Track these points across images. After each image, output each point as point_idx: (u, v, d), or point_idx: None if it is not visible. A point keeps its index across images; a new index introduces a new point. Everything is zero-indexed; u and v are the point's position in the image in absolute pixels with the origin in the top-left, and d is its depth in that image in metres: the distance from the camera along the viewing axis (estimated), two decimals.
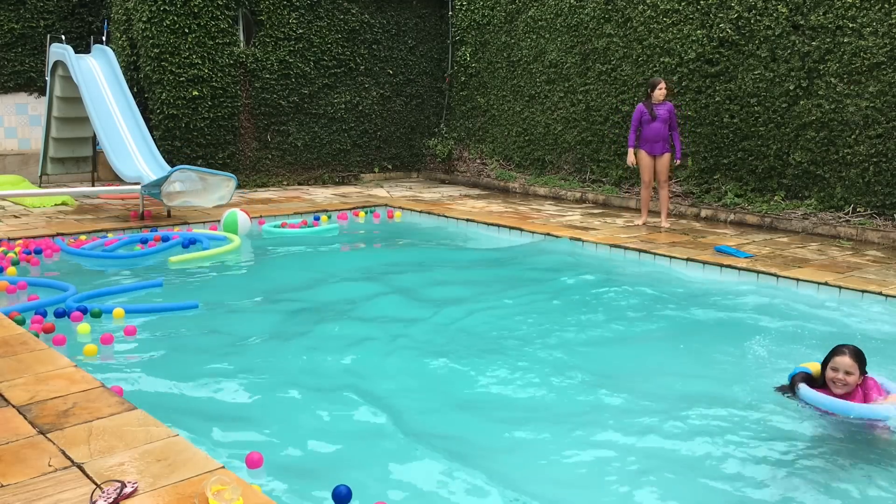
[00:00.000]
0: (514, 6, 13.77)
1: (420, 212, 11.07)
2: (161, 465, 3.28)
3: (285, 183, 13.49)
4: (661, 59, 11.53)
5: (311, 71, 13.45)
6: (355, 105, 14.12)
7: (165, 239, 8.65)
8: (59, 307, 6.03)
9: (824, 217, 9.88)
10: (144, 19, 11.73)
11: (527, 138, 13.89)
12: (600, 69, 12.46)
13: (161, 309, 6.30)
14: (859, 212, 9.69)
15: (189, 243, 8.55)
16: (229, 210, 9.31)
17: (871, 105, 9.42)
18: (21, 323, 5.51)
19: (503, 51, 14.06)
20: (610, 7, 12.20)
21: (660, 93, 9.59)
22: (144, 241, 8.59)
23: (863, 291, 6.86)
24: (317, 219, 10.38)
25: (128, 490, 3.03)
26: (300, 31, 13.21)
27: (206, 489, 3.03)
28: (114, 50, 11.83)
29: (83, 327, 5.60)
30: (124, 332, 5.58)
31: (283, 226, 9.85)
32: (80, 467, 3.26)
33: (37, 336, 5.12)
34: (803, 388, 4.51)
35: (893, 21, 9.17)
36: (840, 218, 9.75)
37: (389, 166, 14.92)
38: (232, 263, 8.17)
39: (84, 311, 5.93)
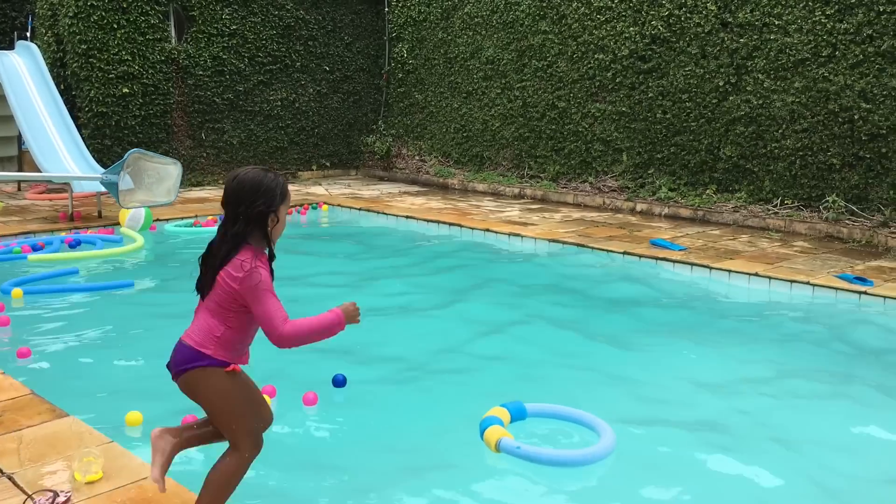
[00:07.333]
0: (449, 3, 13.80)
1: (359, 209, 11.03)
2: None
3: (221, 182, 13.27)
4: (596, 56, 11.70)
5: (246, 68, 13.25)
6: (292, 102, 13.97)
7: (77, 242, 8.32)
8: None
9: (754, 210, 10.17)
10: (71, 14, 11.38)
11: (465, 135, 13.94)
12: (536, 65, 12.58)
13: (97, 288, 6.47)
14: (787, 204, 9.99)
15: (77, 245, 8.26)
16: (143, 207, 8.93)
17: (797, 100, 9.73)
18: None
19: (440, 47, 14.08)
20: (545, 4, 12.32)
21: None
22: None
23: (791, 281, 7.08)
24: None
25: (60, 500, 2.95)
26: (234, 26, 13.00)
27: (77, 457, 3.18)
28: (39, 46, 11.46)
29: None
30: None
31: (195, 224, 9.58)
32: (10, 478, 3.16)
33: None
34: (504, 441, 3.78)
35: (817, 18, 9.48)
36: (769, 210, 10.04)
37: (327, 164, 14.81)
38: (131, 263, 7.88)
39: None
